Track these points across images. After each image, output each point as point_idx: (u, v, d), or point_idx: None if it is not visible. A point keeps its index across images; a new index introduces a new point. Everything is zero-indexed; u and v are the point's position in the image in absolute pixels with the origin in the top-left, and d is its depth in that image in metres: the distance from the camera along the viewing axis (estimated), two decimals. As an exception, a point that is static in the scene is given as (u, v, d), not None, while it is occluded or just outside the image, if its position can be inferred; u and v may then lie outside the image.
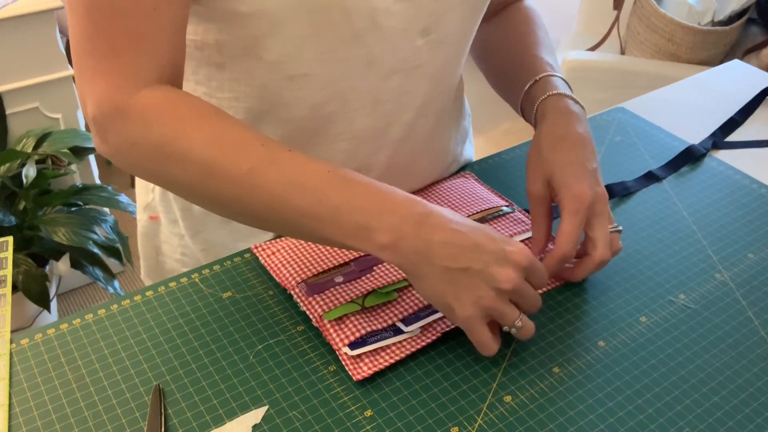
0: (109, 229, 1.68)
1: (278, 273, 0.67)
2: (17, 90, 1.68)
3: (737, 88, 1.04)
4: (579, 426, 0.56)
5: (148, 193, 0.82)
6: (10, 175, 1.60)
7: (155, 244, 0.85)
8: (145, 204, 0.84)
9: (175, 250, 0.82)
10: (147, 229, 0.85)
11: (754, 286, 0.70)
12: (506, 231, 0.73)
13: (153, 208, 0.83)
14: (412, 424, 0.56)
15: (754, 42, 2.05)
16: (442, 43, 0.68)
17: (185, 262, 0.82)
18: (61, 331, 0.63)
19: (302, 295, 0.65)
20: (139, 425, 0.55)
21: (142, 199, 0.84)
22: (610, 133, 0.93)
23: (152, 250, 0.85)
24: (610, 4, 2.19)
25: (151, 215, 0.83)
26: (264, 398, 0.57)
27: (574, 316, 0.66)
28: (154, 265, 0.86)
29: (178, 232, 0.80)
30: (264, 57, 0.62)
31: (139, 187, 0.85)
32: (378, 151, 0.73)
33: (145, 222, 0.85)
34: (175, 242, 0.82)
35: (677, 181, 0.85)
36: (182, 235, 0.80)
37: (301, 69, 0.63)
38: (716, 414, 0.57)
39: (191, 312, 0.65)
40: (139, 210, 0.86)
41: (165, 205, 0.80)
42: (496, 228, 0.73)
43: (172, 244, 0.82)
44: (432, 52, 0.68)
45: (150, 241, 0.85)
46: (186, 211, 0.78)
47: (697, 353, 0.63)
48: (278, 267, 0.68)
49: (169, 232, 0.82)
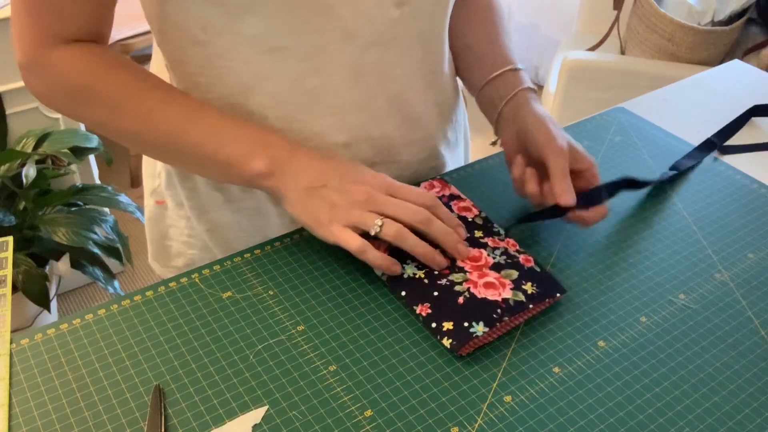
0: (109, 229, 1.68)
1: None
2: (17, 90, 1.68)
3: (737, 88, 1.04)
4: (579, 426, 0.56)
5: (155, 178, 0.85)
6: (10, 175, 1.60)
7: (162, 228, 0.87)
8: (151, 189, 0.86)
9: (182, 232, 0.85)
10: (154, 214, 0.87)
11: (754, 286, 0.70)
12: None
13: (159, 193, 0.85)
14: (412, 424, 0.56)
15: (754, 42, 2.05)
16: (417, 13, 0.70)
17: (191, 244, 0.84)
18: (61, 331, 0.63)
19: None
20: (139, 425, 0.55)
21: (149, 184, 0.87)
22: (610, 133, 0.93)
23: (159, 234, 0.88)
24: (610, 4, 2.19)
25: (157, 200, 0.86)
26: (264, 398, 0.57)
27: (574, 316, 0.66)
28: (160, 249, 0.89)
29: (184, 214, 0.83)
30: (244, 32, 0.65)
31: (146, 174, 0.88)
32: (365, 124, 0.74)
33: (152, 207, 0.87)
34: (181, 224, 0.84)
35: (677, 180, 0.85)
36: (188, 217, 0.82)
37: (278, 42, 0.66)
38: (716, 414, 0.57)
39: (191, 312, 0.65)
40: (146, 195, 0.88)
41: (171, 189, 0.82)
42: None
43: (179, 226, 0.84)
44: (407, 23, 0.70)
45: (157, 226, 0.88)
46: (191, 191, 0.80)
47: (697, 353, 0.63)
48: None
49: (176, 215, 0.84)
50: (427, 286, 0.65)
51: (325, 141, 0.73)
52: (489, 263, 0.67)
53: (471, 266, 0.67)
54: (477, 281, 0.65)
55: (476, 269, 0.66)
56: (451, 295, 0.64)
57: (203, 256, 0.84)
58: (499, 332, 0.63)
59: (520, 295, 0.64)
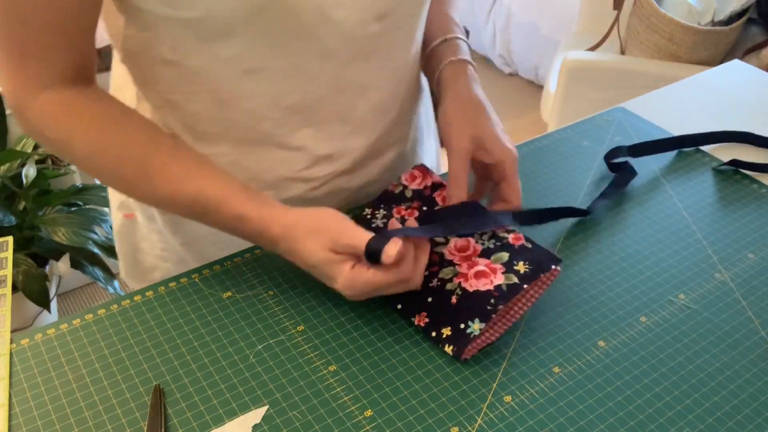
0: (109, 228, 1.68)
1: None
2: (17, 90, 1.67)
3: (737, 88, 1.04)
4: (579, 426, 0.56)
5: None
6: (10, 175, 1.60)
7: (132, 242, 0.84)
8: (118, 203, 0.84)
9: (154, 245, 0.82)
10: (123, 228, 0.85)
11: (754, 286, 0.70)
12: None
13: (127, 206, 0.82)
14: (412, 424, 0.56)
15: (754, 42, 2.05)
16: (397, 22, 0.68)
17: (165, 257, 0.82)
18: (61, 331, 0.63)
19: None
20: (139, 425, 0.55)
21: (116, 197, 0.84)
22: (610, 133, 0.93)
23: (130, 248, 0.85)
24: (610, 4, 2.19)
25: (126, 213, 0.83)
26: (264, 398, 0.57)
27: (574, 316, 0.66)
28: (132, 264, 0.86)
29: (156, 228, 0.80)
30: (220, 54, 0.63)
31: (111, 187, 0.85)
32: (348, 134, 0.73)
33: (121, 220, 0.84)
34: (153, 238, 0.81)
35: (677, 181, 0.85)
36: (160, 231, 0.80)
37: (256, 63, 0.64)
38: (716, 414, 0.57)
39: (191, 312, 0.65)
40: (113, 209, 0.85)
41: (139, 203, 0.80)
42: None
43: (151, 240, 0.82)
44: (388, 35, 0.68)
45: (126, 240, 0.85)
46: None
47: (697, 353, 0.63)
48: None
49: (147, 230, 0.81)
50: (421, 294, 0.65)
51: (306, 154, 0.72)
52: (477, 251, 0.67)
53: (459, 257, 0.66)
54: (467, 273, 0.65)
55: (465, 260, 0.66)
56: (443, 296, 0.64)
57: (179, 269, 0.78)
58: (501, 329, 0.62)
59: (513, 278, 0.63)
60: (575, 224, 0.77)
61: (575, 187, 0.83)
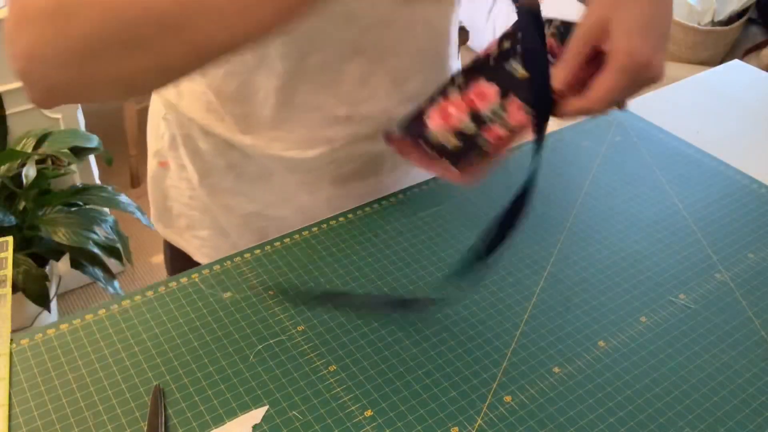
0: (109, 229, 1.68)
1: None
2: (17, 90, 1.67)
3: (737, 88, 1.04)
4: (579, 426, 0.56)
5: (158, 139, 0.85)
6: (10, 175, 1.60)
7: (163, 189, 0.88)
8: (154, 150, 0.87)
9: (183, 193, 0.85)
10: (156, 175, 0.88)
11: (754, 286, 0.70)
12: None
13: (162, 155, 0.86)
14: (412, 424, 0.56)
15: (754, 42, 2.05)
16: None
17: (192, 205, 0.85)
18: (61, 331, 0.63)
19: None
20: (139, 425, 0.55)
21: (152, 145, 0.87)
22: (610, 133, 0.93)
23: (161, 195, 0.89)
24: (610, 4, 2.18)
25: (160, 161, 0.86)
26: (264, 398, 0.57)
27: (574, 316, 0.66)
28: (162, 210, 0.90)
29: (186, 176, 0.83)
30: None
31: (150, 134, 0.88)
32: (365, 99, 0.75)
33: (155, 168, 0.88)
34: (182, 186, 0.85)
35: (677, 181, 0.85)
36: (189, 179, 0.83)
37: None
38: (716, 414, 0.57)
39: (191, 312, 0.65)
40: (150, 156, 0.89)
41: (173, 150, 0.83)
42: None
43: (180, 188, 0.85)
44: (411, 7, 0.70)
45: (159, 186, 0.88)
46: (194, 154, 0.80)
47: (697, 353, 0.63)
48: None
49: (177, 177, 0.85)
50: None
51: (325, 114, 0.74)
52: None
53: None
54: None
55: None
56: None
57: (203, 218, 0.85)
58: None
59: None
60: (575, 224, 0.77)
61: (575, 188, 0.83)
